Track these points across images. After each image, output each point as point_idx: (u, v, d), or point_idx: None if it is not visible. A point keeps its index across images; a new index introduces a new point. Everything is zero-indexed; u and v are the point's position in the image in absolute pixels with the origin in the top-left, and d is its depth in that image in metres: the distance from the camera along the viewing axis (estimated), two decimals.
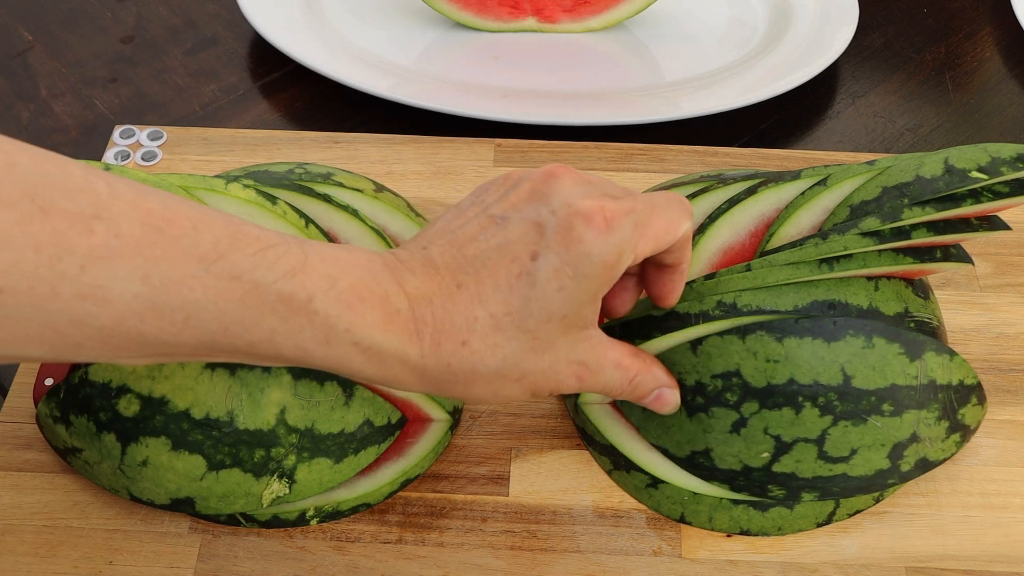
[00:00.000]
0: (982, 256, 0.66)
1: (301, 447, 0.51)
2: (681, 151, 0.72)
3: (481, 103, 0.75)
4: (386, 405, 0.54)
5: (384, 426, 0.54)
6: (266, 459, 0.50)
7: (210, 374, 0.49)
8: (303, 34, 0.80)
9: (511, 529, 0.54)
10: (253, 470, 0.50)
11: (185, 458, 0.50)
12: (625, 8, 0.83)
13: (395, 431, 0.55)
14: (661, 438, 0.53)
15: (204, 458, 0.50)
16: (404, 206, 0.61)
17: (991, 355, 0.61)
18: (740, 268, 0.52)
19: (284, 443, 0.50)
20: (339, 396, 0.51)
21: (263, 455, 0.50)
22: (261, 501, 0.51)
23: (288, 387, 0.50)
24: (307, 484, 0.52)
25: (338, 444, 0.52)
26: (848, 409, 0.50)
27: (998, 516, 0.55)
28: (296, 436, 0.51)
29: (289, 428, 0.50)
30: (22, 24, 0.85)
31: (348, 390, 0.52)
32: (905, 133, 0.78)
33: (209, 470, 0.50)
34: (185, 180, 0.52)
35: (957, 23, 0.88)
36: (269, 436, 0.50)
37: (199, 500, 0.51)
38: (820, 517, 0.53)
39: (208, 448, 0.50)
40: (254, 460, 0.50)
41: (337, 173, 0.60)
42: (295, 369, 0.50)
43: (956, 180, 0.49)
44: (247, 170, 0.59)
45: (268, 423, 0.50)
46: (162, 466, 0.50)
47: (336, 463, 0.52)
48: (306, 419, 0.51)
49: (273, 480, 0.51)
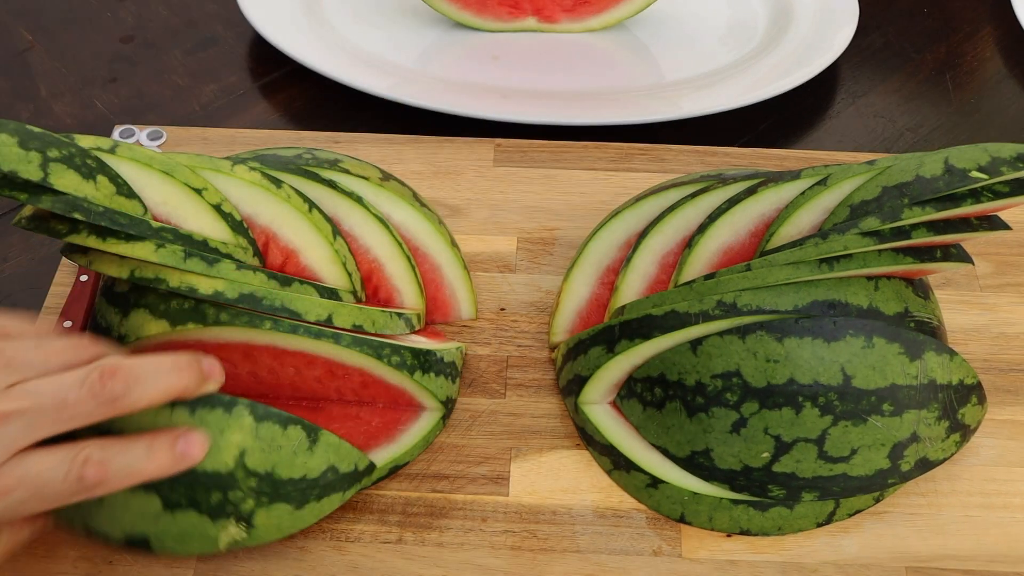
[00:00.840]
0: (982, 256, 0.66)
1: (260, 491, 0.49)
2: (681, 151, 0.72)
3: (481, 103, 0.75)
4: (353, 451, 0.51)
5: (350, 473, 0.52)
6: (223, 502, 0.48)
7: (169, 413, 0.47)
8: (303, 34, 0.80)
9: (511, 529, 0.54)
10: (209, 512, 0.48)
11: (141, 496, 0.48)
12: (625, 8, 0.83)
13: (362, 478, 0.53)
14: (661, 438, 0.53)
15: (160, 497, 0.48)
16: (410, 195, 0.61)
17: (991, 355, 0.61)
18: (740, 268, 0.52)
19: (243, 487, 0.48)
20: (302, 441, 0.49)
21: (220, 498, 0.48)
22: (218, 544, 0.49)
23: (249, 430, 0.48)
24: (266, 529, 0.50)
25: (299, 490, 0.50)
26: (848, 409, 0.50)
27: (998, 516, 0.55)
28: (255, 480, 0.49)
29: (248, 472, 0.48)
30: (22, 24, 0.85)
31: (312, 435, 0.50)
32: (905, 133, 0.78)
33: (165, 509, 0.48)
34: (192, 160, 0.52)
35: (957, 23, 0.87)
36: (227, 479, 0.48)
37: (154, 539, 0.49)
38: (820, 517, 0.53)
39: (164, 487, 0.48)
40: (210, 502, 0.48)
41: (344, 160, 0.60)
42: (257, 411, 0.48)
43: (956, 180, 0.49)
44: (255, 153, 0.59)
45: (226, 465, 0.48)
46: (117, 504, 0.48)
47: (296, 509, 0.50)
48: (266, 463, 0.49)
49: (230, 523, 0.49)
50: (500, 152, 0.72)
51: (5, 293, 0.66)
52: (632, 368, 0.54)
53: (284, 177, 0.56)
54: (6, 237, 0.69)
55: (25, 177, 0.46)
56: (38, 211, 0.49)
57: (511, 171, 0.70)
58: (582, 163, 0.71)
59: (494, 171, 0.70)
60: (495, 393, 0.59)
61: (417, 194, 0.63)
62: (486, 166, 0.71)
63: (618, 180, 0.70)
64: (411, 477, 0.55)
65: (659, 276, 0.58)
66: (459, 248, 0.63)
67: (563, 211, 0.68)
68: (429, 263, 0.60)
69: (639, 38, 0.84)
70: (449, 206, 0.68)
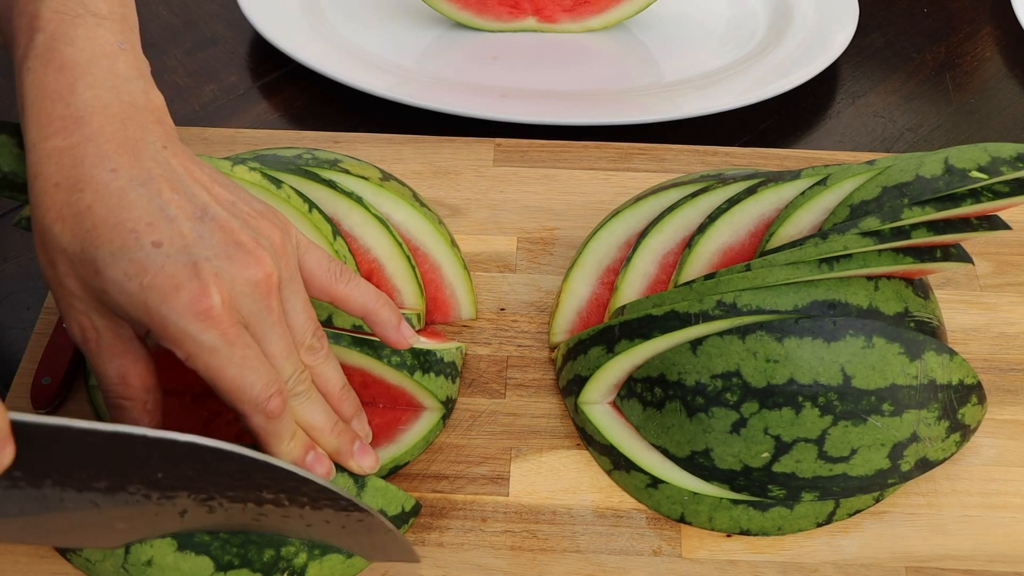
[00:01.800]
0: (982, 256, 0.66)
1: (312, 544, 0.49)
2: (681, 151, 0.72)
3: (481, 103, 0.75)
4: (399, 493, 0.51)
5: (398, 515, 0.51)
6: (276, 559, 0.48)
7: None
8: (303, 34, 0.80)
9: (511, 529, 0.54)
10: (263, 570, 0.48)
11: (191, 559, 0.48)
12: (625, 8, 0.83)
13: (409, 519, 0.53)
14: (661, 438, 0.53)
15: (211, 559, 0.48)
16: (410, 195, 0.61)
17: (991, 355, 0.61)
18: (740, 268, 0.52)
19: (295, 541, 0.48)
20: (351, 488, 0.49)
21: (273, 555, 0.48)
22: None
23: None
24: None
25: None
26: (848, 409, 0.50)
27: (998, 516, 0.55)
28: None
29: None
30: None
31: (359, 481, 0.50)
32: (905, 133, 0.78)
33: (216, 571, 0.48)
34: None
35: (957, 23, 0.87)
36: (279, 536, 0.48)
37: None
38: (820, 517, 0.53)
39: (215, 549, 0.48)
40: (263, 560, 0.48)
41: (344, 160, 0.60)
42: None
43: (956, 180, 0.49)
44: (255, 153, 0.59)
45: None
46: (168, 567, 0.48)
47: (348, 558, 0.50)
48: None
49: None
50: (500, 152, 0.72)
51: (6, 292, 0.66)
52: (632, 368, 0.54)
53: (284, 177, 0.56)
54: (6, 237, 0.69)
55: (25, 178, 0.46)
56: None
57: (511, 171, 0.70)
58: (582, 163, 0.71)
59: (494, 171, 0.70)
60: (495, 393, 0.59)
61: (417, 194, 0.63)
62: (486, 166, 0.71)
63: (618, 180, 0.70)
64: (411, 477, 0.55)
65: (659, 276, 0.58)
66: (459, 248, 0.63)
67: (563, 211, 0.68)
68: (429, 263, 0.60)
69: (639, 38, 0.84)
70: (449, 206, 0.68)
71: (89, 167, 0.42)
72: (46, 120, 0.42)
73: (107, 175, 0.42)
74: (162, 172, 0.43)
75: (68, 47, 0.43)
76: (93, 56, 0.44)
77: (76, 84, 0.43)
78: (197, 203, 0.43)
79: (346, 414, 0.49)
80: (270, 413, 0.43)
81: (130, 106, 0.44)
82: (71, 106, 0.43)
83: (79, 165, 0.42)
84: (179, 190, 0.43)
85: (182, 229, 0.42)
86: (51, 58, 0.43)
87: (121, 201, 0.41)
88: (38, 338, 0.61)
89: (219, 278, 0.41)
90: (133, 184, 0.42)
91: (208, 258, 0.41)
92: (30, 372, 0.59)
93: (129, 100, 0.44)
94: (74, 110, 0.42)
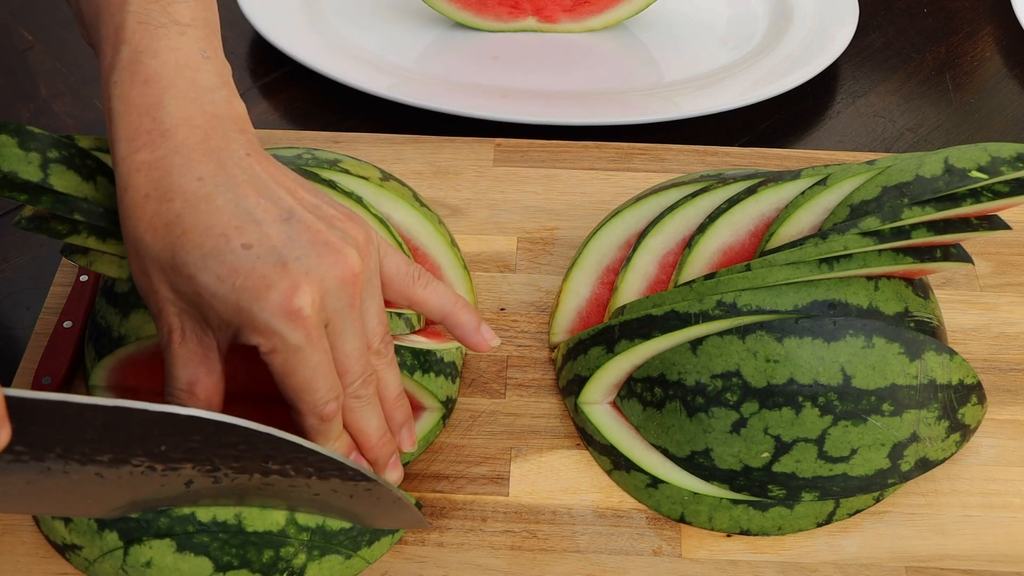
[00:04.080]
0: (982, 256, 0.66)
1: (312, 544, 0.49)
2: (681, 151, 0.72)
3: (481, 103, 0.75)
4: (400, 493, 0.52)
5: None
6: (275, 559, 0.49)
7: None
8: (303, 34, 0.80)
9: (511, 529, 0.54)
10: (262, 570, 0.49)
11: (191, 560, 0.48)
12: (625, 8, 0.83)
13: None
14: (661, 438, 0.53)
15: (210, 560, 0.48)
16: (410, 196, 0.61)
17: (991, 355, 0.61)
18: (740, 268, 0.52)
19: (294, 542, 0.49)
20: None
21: (272, 555, 0.49)
22: None
23: None
24: None
25: (350, 538, 0.50)
26: (848, 409, 0.50)
27: (998, 516, 0.55)
28: (307, 534, 0.49)
29: (299, 527, 0.49)
30: (22, 24, 0.85)
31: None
32: (905, 133, 0.78)
33: (216, 572, 0.48)
34: None
35: (957, 23, 0.88)
36: (278, 536, 0.49)
37: None
38: (820, 517, 0.53)
39: (214, 550, 0.48)
40: (263, 560, 0.49)
41: (344, 160, 0.60)
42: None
43: (956, 180, 0.49)
44: None
45: (277, 524, 0.48)
46: (167, 567, 0.48)
47: (347, 559, 0.51)
48: (317, 517, 0.49)
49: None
50: (500, 152, 0.72)
51: (6, 292, 0.66)
52: (632, 368, 0.54)
53: None
54: (6, 237, 0.69)
55: (25, 178, 0.46)
56: (38, 211, 0.49)
57: (511, 171, 0.70)
58: (582, 163, 0.71)
59: (494, 171, 0.70)
60: (495, 393, 0.59)
61: (417, 194, 0.63)
62: (486, 166, 0.71)
63: (618, 180, 0.70)
64: (411, 477, 0.55)
65: (659, 276, 0.58)
66: (459, 248, 0.63)
67: (563, 211, 0.68)
68: (429, 263, 0.60)
69: (639, 38, 0.84)
70: (449, 206, 0.68)
71: (177, 177, 0.43)
72: (133, 134, 0.44)
73: (194, 184, 0.43)
74: (247, 178, 0.44)
75: (152, 59, 0.44)
76: (177, 67, 0.45)
77: (162, 97, 0.44)
78: (283, 206, 0.44)
79: (397, 421, 0.50)
80: (324, 417, 0.45)
81: (213, 116, 0.45)
82: (157, 120, 0.44)
83: (167, 176, 0.43)
84: (264, 194, 0.44)
85: (269, 231, 0.43)
86: (136, 71, 0.44)
87: (209, 207, 0.42)
88: (38, 338, 0.61)
89: (309, 276, 0.42)
90: (220, 190, 0.43)
91: (297, 257, 0.42)
92: (30, 372, 0.59)
93: (212, 110, 0.45)
94: (160, 123, 0.44)
